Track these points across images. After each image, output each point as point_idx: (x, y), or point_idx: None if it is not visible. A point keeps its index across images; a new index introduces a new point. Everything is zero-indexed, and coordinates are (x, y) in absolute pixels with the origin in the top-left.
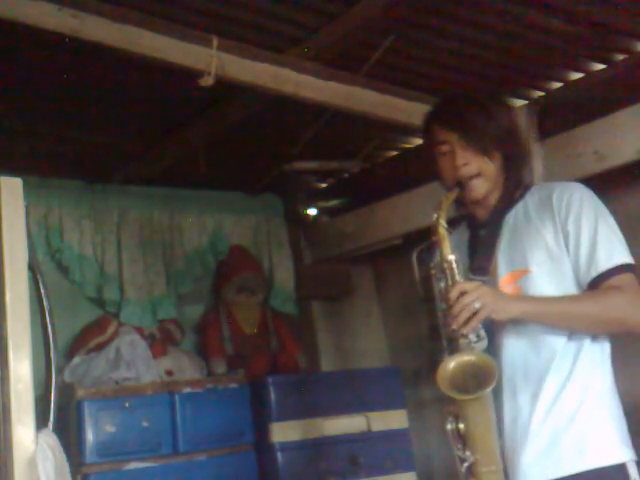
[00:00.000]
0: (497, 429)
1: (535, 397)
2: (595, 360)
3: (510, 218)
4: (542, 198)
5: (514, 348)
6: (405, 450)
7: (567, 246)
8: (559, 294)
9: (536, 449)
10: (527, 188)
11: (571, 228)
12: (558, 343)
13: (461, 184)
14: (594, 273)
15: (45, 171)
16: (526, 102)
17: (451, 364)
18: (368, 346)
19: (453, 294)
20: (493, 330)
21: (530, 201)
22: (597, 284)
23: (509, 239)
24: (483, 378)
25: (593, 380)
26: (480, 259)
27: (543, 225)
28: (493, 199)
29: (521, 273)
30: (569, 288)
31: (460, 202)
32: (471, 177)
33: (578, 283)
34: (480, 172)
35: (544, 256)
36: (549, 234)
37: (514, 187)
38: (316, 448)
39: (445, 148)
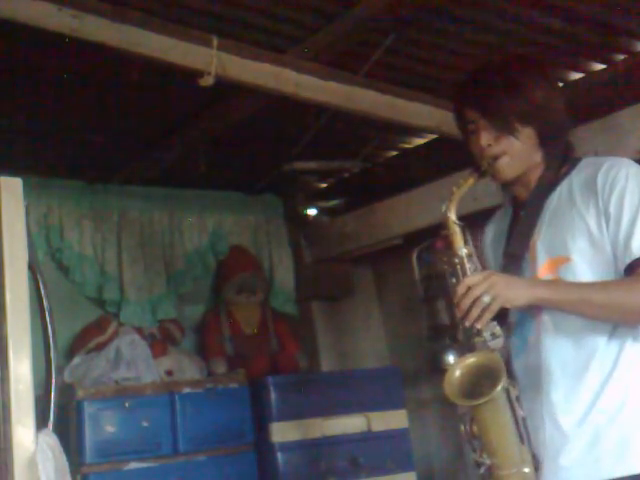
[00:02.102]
0: (540, 426)
1: (571, 396)
2: (638, 359)
3: (554, 199)
4: (587, 177)
5: (553, 344)
6: (405, 450)
7: (608, 230)
8: None
9: (576, 450)
10: (575, 163)
11: (612, 210)
12: (599, 342)
13: (480, 168)
14: (628, 259)
15: (45, 171)
16: None
17: (457, 370)
18: (368, 346)
19: (460, 289)
20: (530, 326)
21: (576, 179)
22: (632, 271)
23: (550, 223)
24: (494, 377)
25: (636, 380)
26: (515, 244)
27: (586, 209)
28: (533, 177)
29: (561, 261)
30: (612, 278)
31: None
32: (496, 158)
33: (617, 270)
34: (506, 151)
35: (586, 243)
36: (592, 219)
37: (558, 163)
38: (316, 448)
39: (472, 127)
